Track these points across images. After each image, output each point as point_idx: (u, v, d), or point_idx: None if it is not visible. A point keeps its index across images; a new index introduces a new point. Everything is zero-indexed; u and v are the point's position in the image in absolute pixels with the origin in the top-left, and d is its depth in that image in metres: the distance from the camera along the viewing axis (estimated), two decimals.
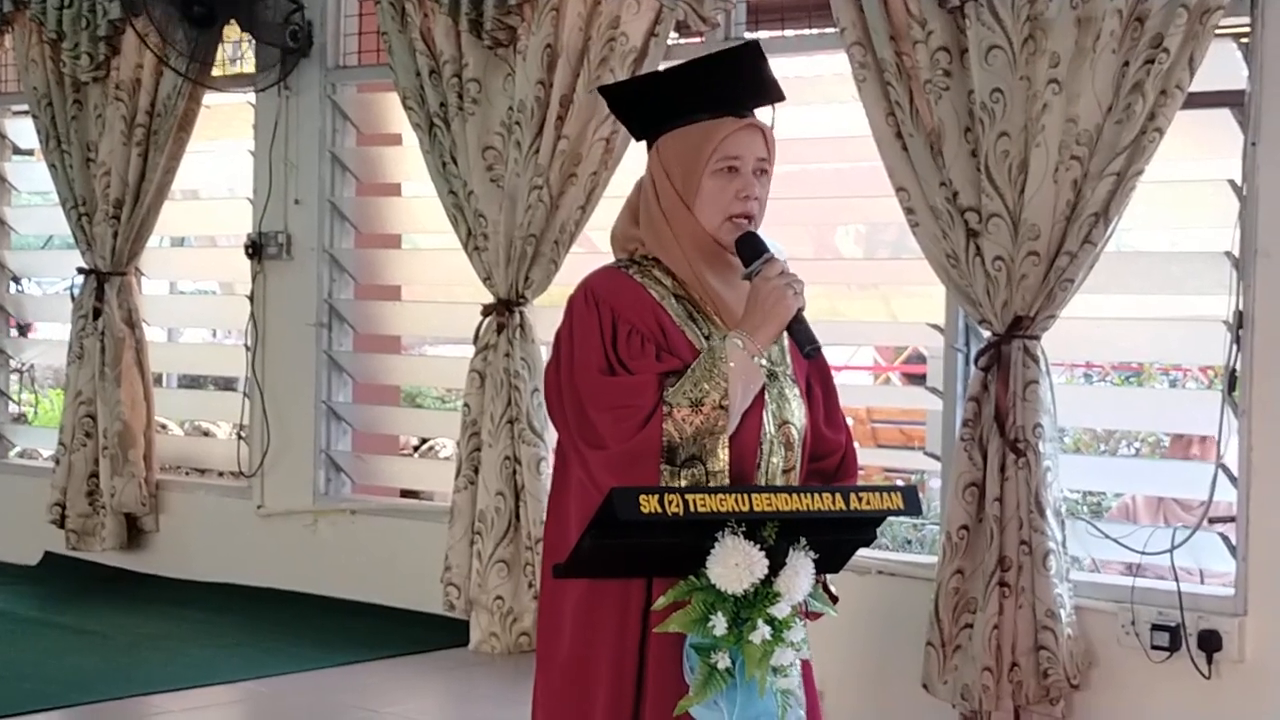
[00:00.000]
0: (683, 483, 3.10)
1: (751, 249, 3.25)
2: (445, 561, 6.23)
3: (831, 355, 9.97)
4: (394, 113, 6.80)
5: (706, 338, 3.23)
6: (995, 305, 5.04)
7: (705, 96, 3.26)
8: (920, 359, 11.41)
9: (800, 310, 3.23)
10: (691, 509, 2.97)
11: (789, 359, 3.33)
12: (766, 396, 3.23)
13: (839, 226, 9.69)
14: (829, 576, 3.34)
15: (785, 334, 3.27)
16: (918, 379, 11.12)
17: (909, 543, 8.66)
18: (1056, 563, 4.92)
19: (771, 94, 3.37)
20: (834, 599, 3.33)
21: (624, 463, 3.09)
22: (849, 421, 3.57)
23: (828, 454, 3.40)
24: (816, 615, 3.24)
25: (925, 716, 5.18)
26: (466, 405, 6.28)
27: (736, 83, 3.28)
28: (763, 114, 3.31)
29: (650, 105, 3.35)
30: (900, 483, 8.93)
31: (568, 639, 3.26)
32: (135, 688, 5.69)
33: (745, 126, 3.25)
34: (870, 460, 9.09)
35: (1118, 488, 6.94)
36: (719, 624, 3.01)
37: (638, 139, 3.37)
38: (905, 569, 5.49)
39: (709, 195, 3.24)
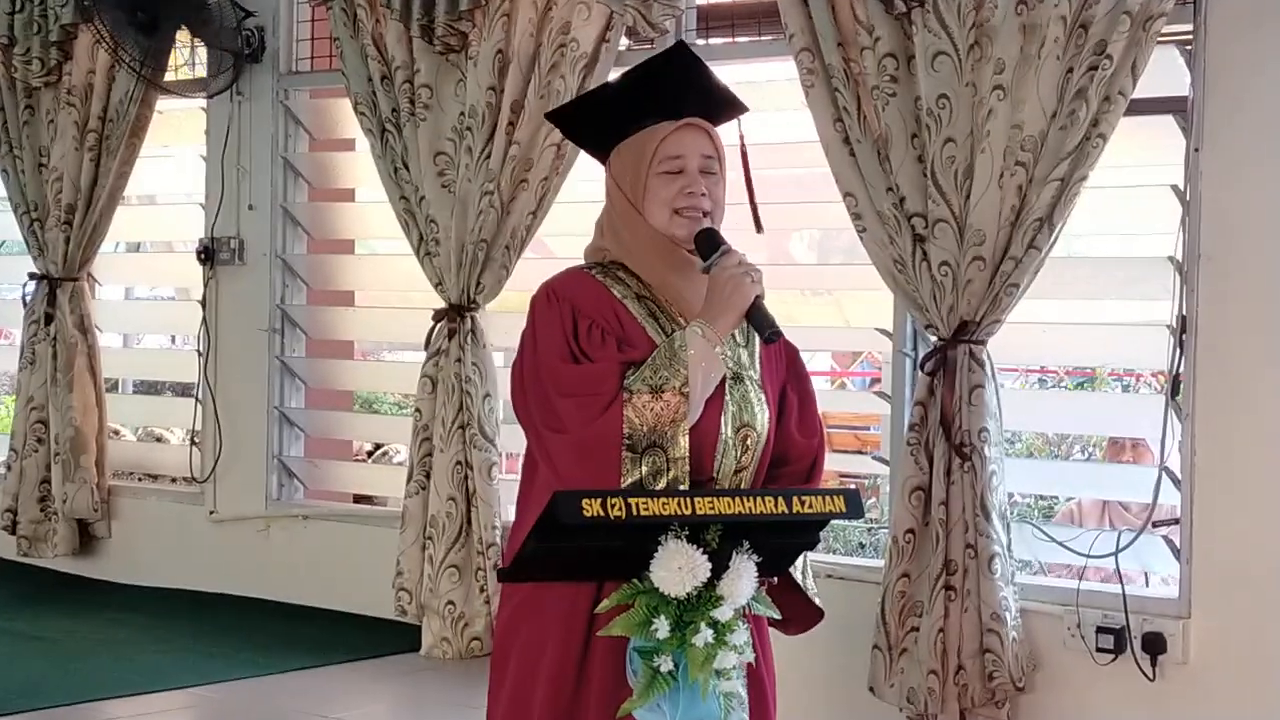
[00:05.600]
0: (644, 469, 3.12)
1: (710, 244, 3.29)
2: (397, 566, 6.23)
3: None
4: (346, 118, 6.81)
5: (668, 334, 3.26)
6: (941, 310, 5.07)
7: (643, 105, 3.32)
8: (876, 364, 11.45)
9: (759, 297, 3.26)
10: (634, 512, 2.98)
11: (759, 365, 3.36)
12: (728, 397, 3.25)
13: (793, 232, 9.72)
14: (811, 585, 3.38)
15: (757, 340, 3.30)
16: (874, 384, 11.16)
17: (862, 546, 8.70)
18: (1002, 566, 4.96)
19: (715, 93, 3.40)
20: (819, 613, 3.37)
21: (585, 448, 3.12)
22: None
23: (797, 459, 3.42)
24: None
25: (872, 719, 5.21)
26: (418, 410, 6.28)
27: (671, 86, 3.32)
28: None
29: (594, 123, 3.39)
30: (853, 486, 8.98)
31: (518, 629, 3.28)
32: (86, 693, 5.67)
33: (685, 126, 3.29)
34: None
35: (1067, 491, 6.99)
36: (662, 627, 3.03)
37: (597, 158, 3.42)
38: (854, 573, 5.52)
39: (655, 196, 3.29)
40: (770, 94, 6.22)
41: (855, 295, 7.48)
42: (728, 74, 6.64)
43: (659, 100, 3.31)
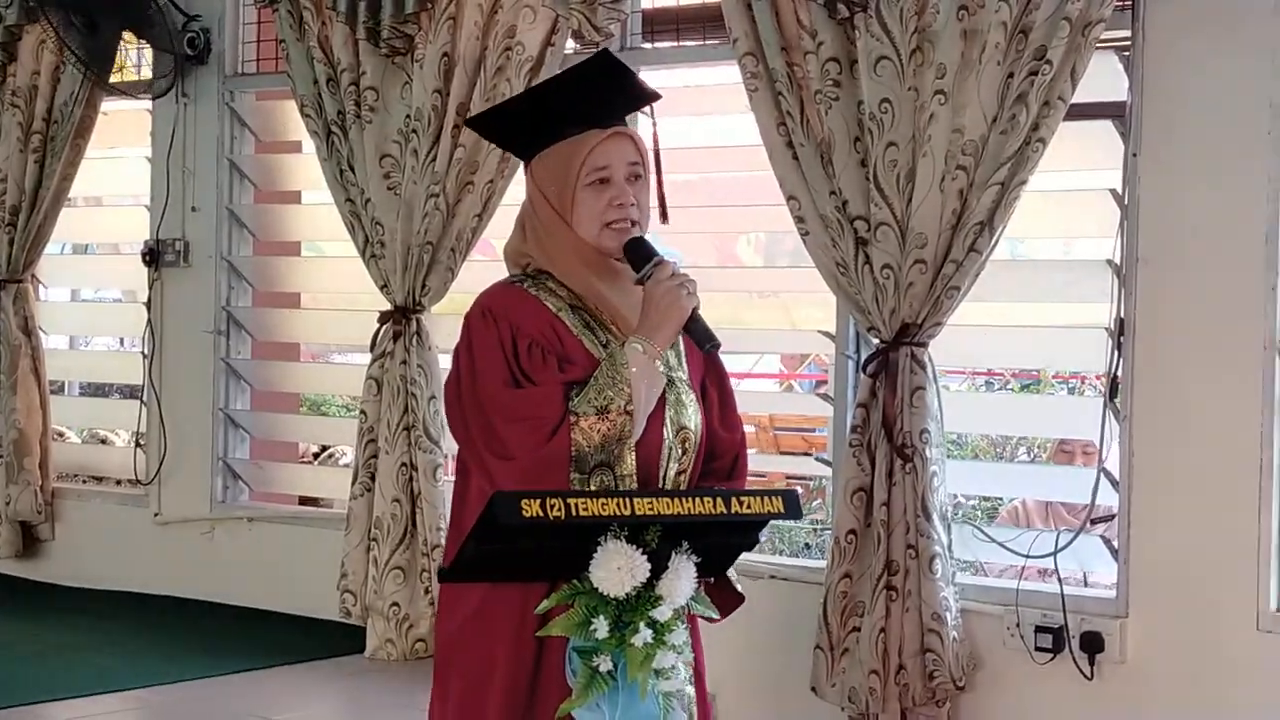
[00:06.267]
0: (593, 488, 3.13)
1: (640, 254, 3.29)
2: (341, 568, 6.23)
3: (735, 363, 10.03)
4: (292, 120, 6.80)
5: (604, 345, 3.26)
6: (883, 313, 5.11)
7: (568, 113, 3.29)
8: (823, 368, 11.50)
9: (695, 309, 3.28)
10: (573, 513, 3.00)
11: (685, 364, 3.37)
12: (666, 402, 3.27)
13: (740, 235, 9.76)
14: (734, 576, 3.39)
15: (681, 339, 3.32)
16: (820, 386, 11.21)
17: (808, 547, 8.73)
18: (942, 566, 5.00)
19: (637, 97, 3.42)
20: (740, 597, 3.39)
21: (534, 474, 3.11)
22: (750, 430, 3.63)
23: (722, 454, 3.44)
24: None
25: (814, 719, 5.24)
26: (363, 412, 6.29)
27: (597, 94, 3.32)
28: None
29: (517, 129, 3.39)
30: (795, 488, 9.02)
31: (466, 642, 3.29)
32: (30, 696, 5.64)
33: (611, 136, 3.29)
34: (770, 467, 9.15)
35: (1010, 493, 7.03)
36: (601, 627, 3.04)
37: (521, 158, 3.42)
38: (797, 573, 5.55)
39: (584, 209, 3.28)
40: (715, 98, 6.26)
41: (801, 298, 7.53)
42: (672, 78, 6.70)
43: (584, 109, 3.30)
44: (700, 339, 3.29)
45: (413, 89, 6.18)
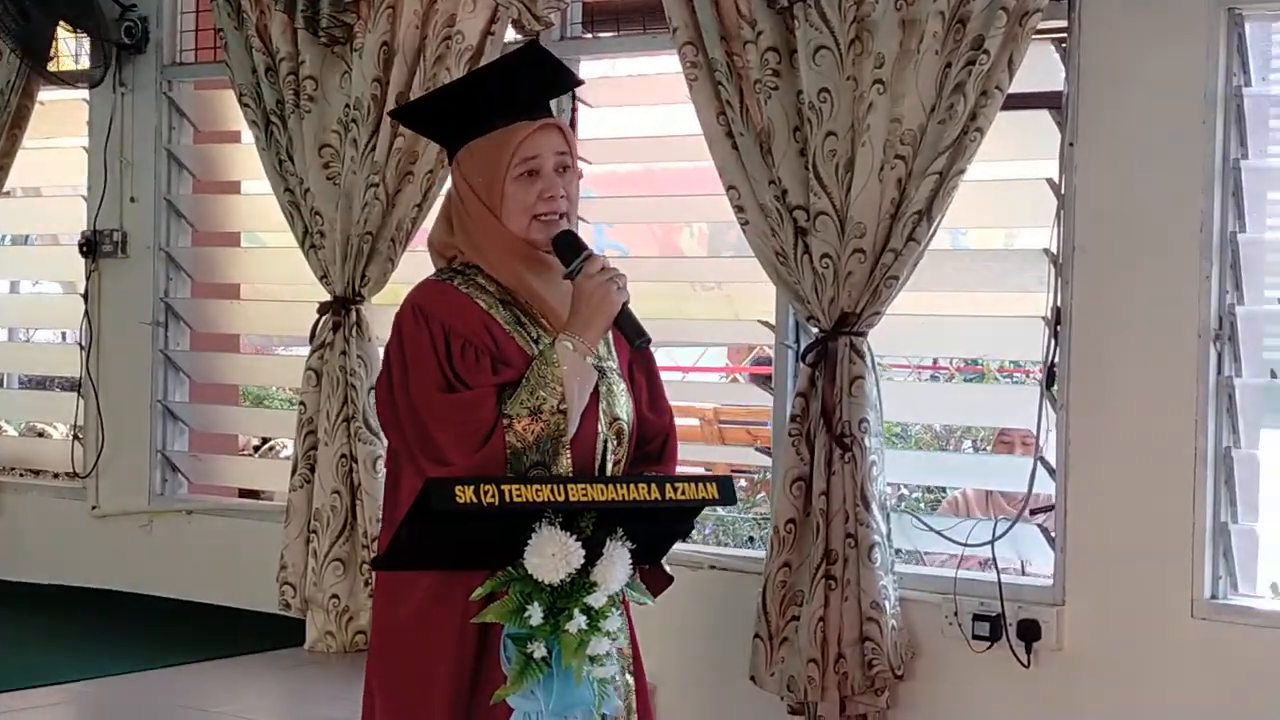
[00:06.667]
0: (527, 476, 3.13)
1: (569, 247, 3.29)
2: (281, 560, 6.20)
3: (679, 356, 9.97)
4: (231, 110, 6.76)
5: (535, 340, 3.25)
6: (823, 302, 5.12)
7: (496, 104, 3.28)
8: (768, 360, 11.50)
9: (625, 304, 3.27)
10: (507, 499, 3.00)
11: (614, 352, 3.37)
12: (598, 394, 3.27)
13: (684, 226, 9.77)
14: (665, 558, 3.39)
15: (610, 328, 3.31)
16: (765, 379, 11.21)
17: (751, 540, 8.74)
18: (881, 555, 5.01)
19: (563, 85, 3.41)
20: (669, 578, 3.39)
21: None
22: (694, 423, 3.64)
23: (651, 438, 3.44)
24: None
25: (754, 709, 5.25)
26: (303, 404, 6.26)
27: (524, 86, 3.31)
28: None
29: (443, 120, 3.38)
30: (743, 480, 9.03)
31: (409, 631, 3.28)
32: None
33: (540, 127, 3.28)
34: (713, 458, 9.17)
35: (951, 482, 7.06)
36: (535, 614, 3.03)
37: (447, 150, 3.40)
38: (737, 563, 5.56)
39: (513, 201, 3.27)
40: (657, 88, 6.26)
41: (745, 288, 7.54)
42: (615, 68, 6.71)
43: (513, 100, 3.30)
44: (630, 334, 3.29)
45: (352, 78, 6.15)
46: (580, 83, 3.46)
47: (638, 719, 3.44)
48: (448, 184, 3.45)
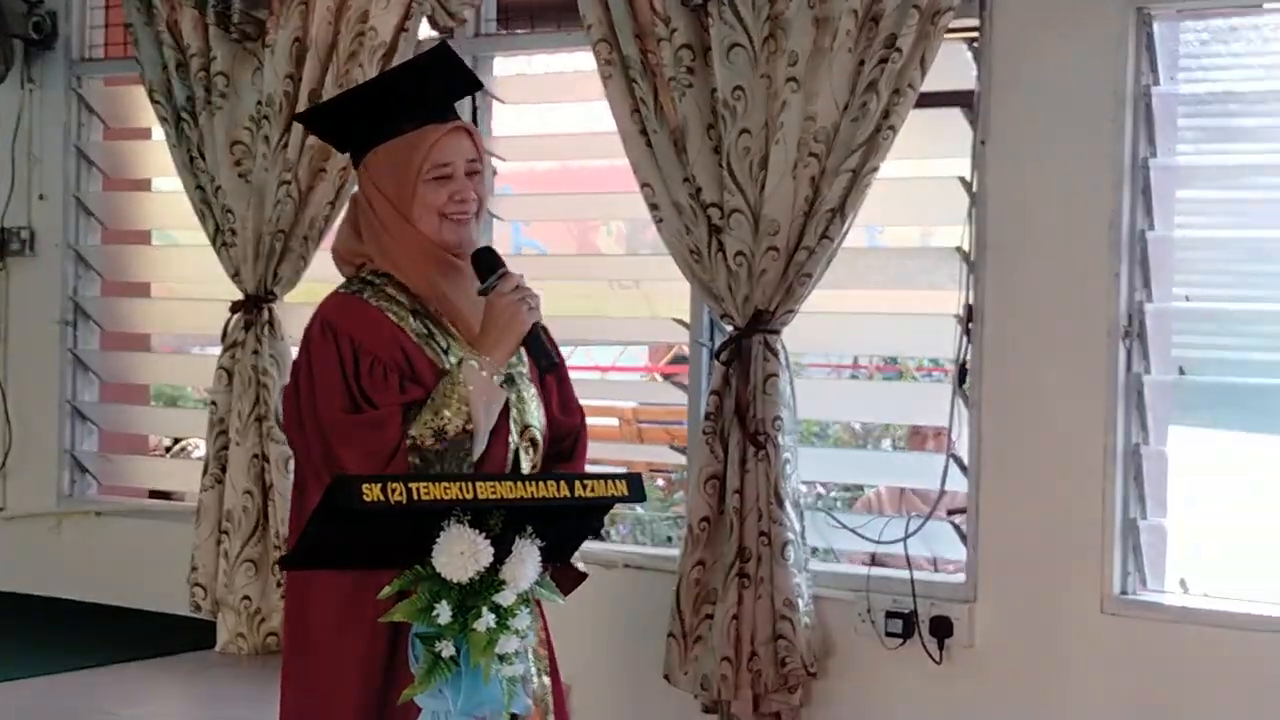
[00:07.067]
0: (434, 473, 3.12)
1: (487, 264, 3.28)
2: (192, 561, 6.14)
3: (597, 355, 9.91)
4: (142, 107, 6.68)
5: (445, 351, 3.24)
6: (737, 300, 5.11)
7: (406, 108, 3.27)
8: (687, 359, 11.50)
9: (536, 325, 3.26)
10: (414, 497, 2.97)
11: (524, 357, 3.36)
12: (509, 404, 3.26)
13: (601, 224, 9.75)
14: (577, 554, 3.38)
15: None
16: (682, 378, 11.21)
17: (670, 539, 8.73)
18: (795, 553, 5.01)
19: (470, 86, 3.40)
20: (582, 575, 3.38)
21: None
22: (613, 423, 3.64)
23: (563, 437, 3.44)
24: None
25: (668, 707, 5.25)
26: (214, 403, 6.20)
27: (434, 89, 3.30)
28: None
29: (351, 124, 3.35)
30: (660, 479, 9.03)
31: (319, 631, 3.26)
32: None
33: (451, 131, 3.27)
34: (633, 457, 9.17)
35: (868, 480, 7.09)
36: (443, 612, 3.02)
37: (352, 155, 3.37)
38: (651, 562, 5.55)
39: (425, 205, 3.26)
40: (574, 85, 6.24)
41: (663, 287, 7.54)
42: (532, 65, 6.68)
43: (423, 104, 3.28)
44: (538, 358, 3.29)
45: (264, 75, 6.10)
46: (481, 85, 3.45)
47: (554, 718, 3.44)
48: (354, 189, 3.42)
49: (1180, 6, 4.85)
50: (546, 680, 3.50)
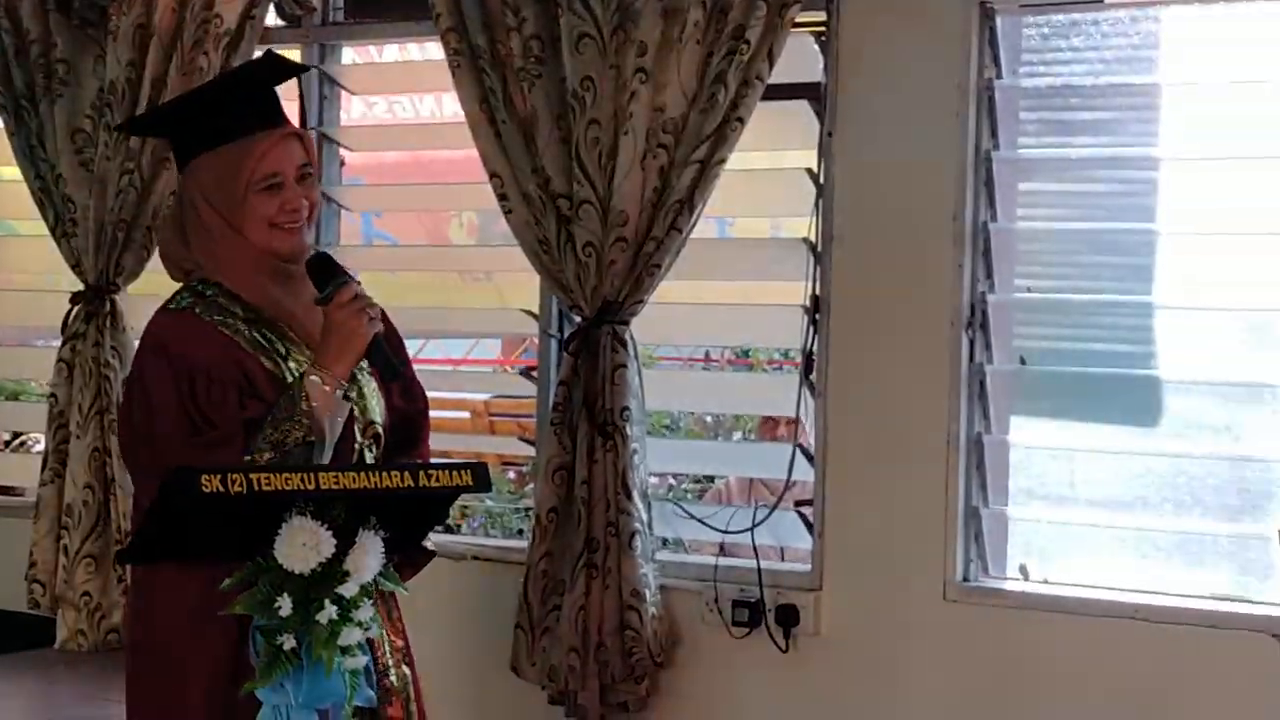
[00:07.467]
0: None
1: (324, 273, 3.24)
2: (30, 558, 6.03)
3: (448, 348, 9.86)
4: None
5: (284, 357, 3.20)
6: (585, 291, 5.11)
7: (234, 116, 3.22)
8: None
9: (378, 335, 3.23)
10: (255, 488, 2.95)
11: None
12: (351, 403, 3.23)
13: (453, 215, 9.71)
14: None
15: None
16: (532, 370, 11.19)
17: (520, 533, 8.72)
18: (642, 543, 5.02)
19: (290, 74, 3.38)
20: (430, 554, 3.36)
21: None
22: (464, 415, 3.63)
23: (405, 426, 3.42)
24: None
25: (516, 699, 5.23)
26: (54, 396, 6.10)
27: (263, 96, 3.26)
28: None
29: (179, 132, 3.30)
30: (510, 471, 9.01)
31: (164, 627, 3.22)
32: None
33: (282, 138, 3.23)
34: (483, 449, 9.14)
35: (718, 471, 7.13)
36: (285, 605, 2.99)
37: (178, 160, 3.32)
38: (499, 553, 5.54)
39: (255, 216, 3.22)
40: (424, 74, 6.21)
41: (514, 278, 7.51)
42: (384, 54, 6.63)
43: (252, 112, 3.23)
44: (382, 369, 3.27)
45: (106, 62, 5.99)
46: (303, 69, 3.42)
47: (415, 708, 3.43)
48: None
49: (1023, 2, 4.91)
50: (406, 670, 3.49)
